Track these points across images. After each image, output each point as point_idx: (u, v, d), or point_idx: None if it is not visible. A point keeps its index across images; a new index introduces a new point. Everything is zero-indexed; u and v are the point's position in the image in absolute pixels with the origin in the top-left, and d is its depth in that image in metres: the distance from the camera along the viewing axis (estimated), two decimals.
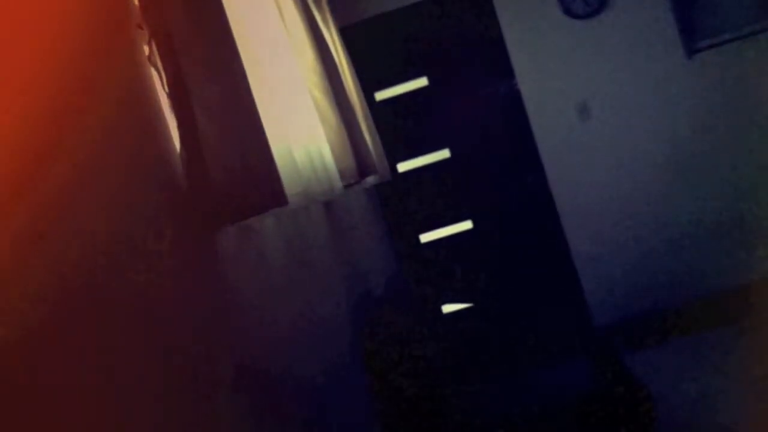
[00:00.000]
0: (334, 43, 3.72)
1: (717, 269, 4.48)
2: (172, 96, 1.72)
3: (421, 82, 4.63)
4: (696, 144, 4.44)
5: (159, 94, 1.73)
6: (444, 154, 4.66)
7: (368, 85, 4.51)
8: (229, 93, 1.73)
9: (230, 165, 1.69)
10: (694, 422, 3.37)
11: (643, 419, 2.79)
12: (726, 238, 4.47)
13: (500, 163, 4.64)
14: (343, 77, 3.53)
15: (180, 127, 1.71)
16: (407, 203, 4.69)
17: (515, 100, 4.56)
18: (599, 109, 4.49)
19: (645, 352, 4.03)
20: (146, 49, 1.75)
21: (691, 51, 4.39)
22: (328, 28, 3.71)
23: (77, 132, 1.34)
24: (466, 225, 4.67)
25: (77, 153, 1.31)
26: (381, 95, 4.65)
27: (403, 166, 4.67)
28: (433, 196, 4.68)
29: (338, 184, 2.73)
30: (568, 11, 4.43)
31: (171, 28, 1.74)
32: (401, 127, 4.63)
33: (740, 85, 4.39)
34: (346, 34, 4.25)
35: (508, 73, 4.54)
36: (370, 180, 3.70)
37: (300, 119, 2.57)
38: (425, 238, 4.70)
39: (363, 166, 3.44)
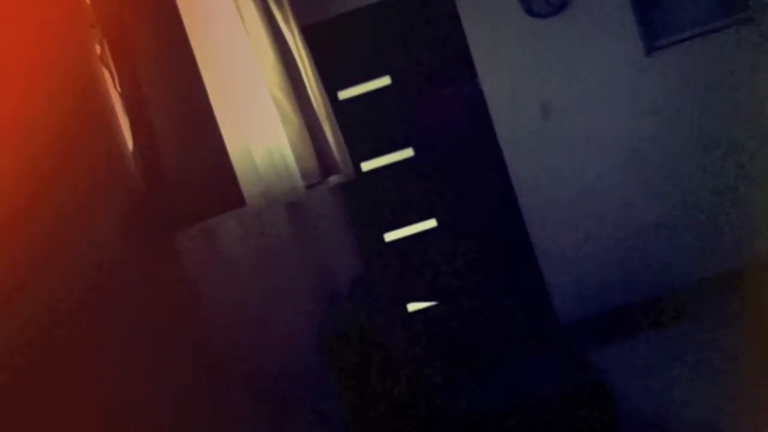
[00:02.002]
0: (295, 42, 3.70)
1: (680, 265, 4.55)
2: (124, 96, 1.69)
3: (384, 81, 4.63)
4: (658, 141, 4.50)
5: (111, 93, 1.70)
6: (408, 152, 4.66)
7: (331, 84, 4.50)
8: (183, 93, 1.70)
9: (185, 166, 1.66)
10: (660, 417, 3.42)
11: (606, 415, 2.82)
12: (689, 234, 4.54)
13: (463, 162, 4.65)
14: (304, 76, 3.51)
15: (133, 127, 1.68)
16: (371, 202, 4.68)
17: (478, 98, 4.57)
18: (561, 108, 4.52)
19: (610, 348, 4.08)
20: (98, 48, 1.71)
21: (650, 49, 4.45)
22: (290, 27, 3.69)
23: (23, 133, 1.30)
24: (431, 223, 4.68)
25: (23, 154, 1.28)
26: (344, 94, 4.63)
27: (366, 165, 4.66)
28: (398, 195, 4.68)
29: (300, 184, 2.71)
30: (530, 10, 4.46)
31: (124, 27, 1.71)
32: (365, 126, 4.62)
33: (700, 82, 4.46)
34: (308, 33, 4.23)
35: (471, 72, 4.55)
36: (334, 179, 3.69)
37: (260, 119, 2.54)
38: (390, 237, 4.70)
39: (326, 166, 3.42)
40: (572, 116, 4.52)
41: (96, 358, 1.33)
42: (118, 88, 1.71)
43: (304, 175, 3.00)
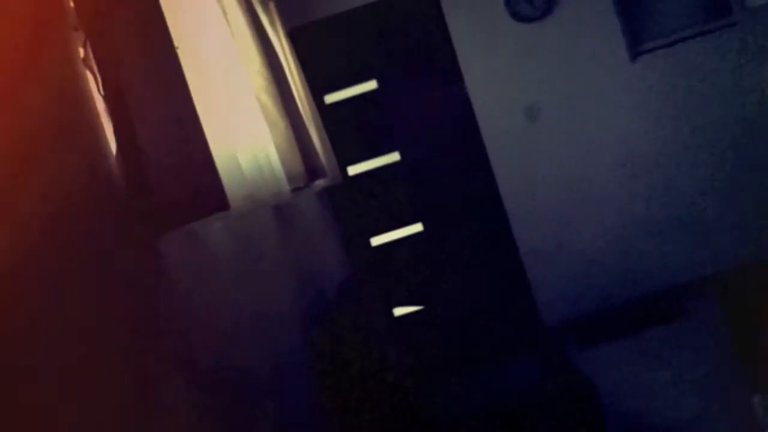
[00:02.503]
0: (281, 46, 3.69)
1: (666, 267, 4.57)
2: (107, 99, 1.68)
3: (371, 85, 4.63)
4: (643, 144, 4.52)
5: (94, 96, 1.69)
6: (394, 157, 4.67)
7: (317, 87, 4.50)
8: (167, 96, 1.70)
9: (169, 169, 1.65)
10: (644, 417, 3.43)
11: (591, 417, 2.83)
12: (676, 236, 4.56)
13: (450, 166, 4.66)
14: (291, 80, 3.51)
15: (116, 130, 1.68)
16: (358, 206, 4.68)
17: (464, 102, 4.58)
18: (547, 111, 4.54)
19: (595, 350, 4.09)
20: (81, 51, 1.70)
21: (635, 53, 4.48)
22: (276, 31, 3.69)
23: (5, 134, 1.29)
24: (417, 228, 4.68)
25: (7, 155, 1.27)
26: (331, 98, 4.63)
27: (353, 170, 4.66)
28: (384, 199, 4.68)
29: (286, 188, 2.71)
30: (516, 14, 4.48)
31: (107, 30, 1.70)
32: (351, 130, 4.62)
33: (684, 87, 4.49)
34: (294, 37, 4.23)
35: (457, 76, 4.56)
36: (320, 183, 3.69)
37: (246, 123, 2.54)
38: (376, 241, 4.70)
39: (312, 170, 3.42)
40: (558, 120, 4.54)
41: (74, 358, 1.32)
42: (101, 91, 1.71)
43: (290, 178, 2.99)
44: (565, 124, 4.54)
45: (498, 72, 4.54)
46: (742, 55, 4.46)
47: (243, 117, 2.48)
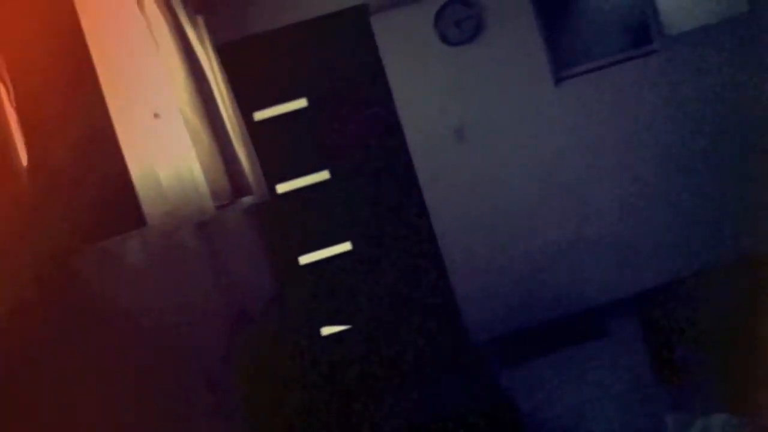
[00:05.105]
0: (210, 62, 3.66)
1: (590, 285, 4.69)
2: (20, 111, 1.63)
3: (301, 103, 4.63)
4: (566, 166, 4.65)
5: (6, 109, 1.64)
6: (324, 175, 4.66)
7: (247, 104, 4.46)
8: (83, 109, 1.66)
9: (83, 184, 1.61)
10: None
11: None
12: (597, 257, 4.69)
13: (379, 185, 4.68)
14: (218, 96, 3.47)
15: (28, 144, 1.63)
16: (286, 225, 4.65)
17: (394, 122, 4.63)
18: (474, 133, 4.63)
19: (519, 368, 4.16)
20: None
21: (558, 78, 4.62)
22: (204, 46, 3.65)
23: None
24: (346, 246, 4.68)
25: None
26: (260, 115, 4.60)
27: (282, 188, 4.64)
28: (313, 217, 4.67)
29: (210, 204, 2.67)
30: (444, 38, 4.56)
31: (21, 42, 1.66)
32: (281, 147, 4.60)
33: (605, 111, 4.65)
34: (224, 53, 4.19)
35: (387, 96, 4.61)
36: (247, 201, 3.65)
37: (169, 138, 2.50)
38: (305, 259, 4.68)
39: (238, 187, 3.38)
40: (485, 141, 4.63)
41: None
42: (14, 104, 1.66)
43: (215, 195, 2.95)
44: (492, 144, 4.64)
45: (427, 92, 4.60)
46: (662, 80, 4.65)
47: (165, 131, 2.44)
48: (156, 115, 2.38)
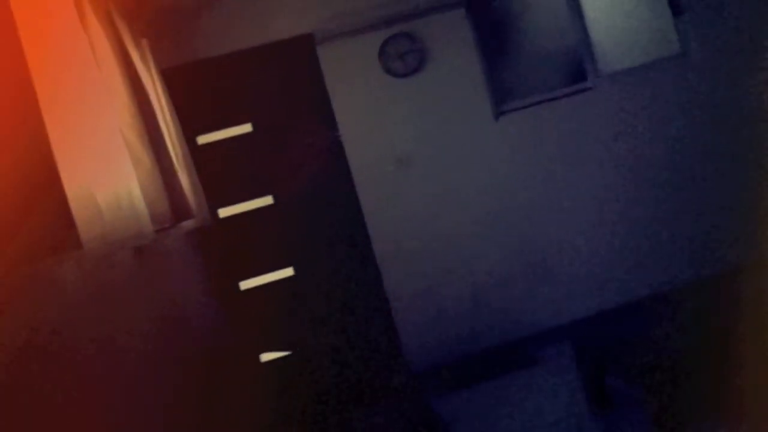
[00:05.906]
0: (153, 84, 3.64)
1: (525, 314, 4.78)
2: None
3: (246, 128, 4.63)
4: (503, 197, 4.75)
5: None
6: (267, 200, 4.66)
7: (191, 128, 4.45)
8: (18, 129, 1.64)
9: (15, 205, 1.59)
10: None
11: None
12: (532, 286, 4.79)
13: (322, 211, 4.70)
14: (161, 119, 3.46)
15: None
16: (228, 249, 4.62)
17: (338, 150, 4.67)
18: (417, 162, 4.70)
19: (455, 395, 4.19)
20: None
21: (498, 112, 4.74)
22: (148, 69, 3.63)
23: None
24: (287, 272, 4.67)
25: None
26: (204, 139, 4.59)
27: (224, 212, 4.61)
28: (255, 242, 4.65)
29: (149, 228, 2.65)
30: (389, 70, 4.64)
31: None
32: (224, 172, 4.58)
33: (542, 145, 4.78)
34: (169, 76, 4.18)
35: (332, 123, 4.65)
36: (188, 224, 3.62)
37: (108, 160, 2.47)
38: (245, 285, 4.65)
39: (178, 210, 3.36)
40: (427, 170, 4.71)
41: None
42: None
43: (155, 219, 2.93)
44: (434, 174, 4.71)
45: (371, 122, 4.66)
46: (596, 116, 4.82)
47: (104, 153, 2.41)
48: (95, 135, 2.36)
